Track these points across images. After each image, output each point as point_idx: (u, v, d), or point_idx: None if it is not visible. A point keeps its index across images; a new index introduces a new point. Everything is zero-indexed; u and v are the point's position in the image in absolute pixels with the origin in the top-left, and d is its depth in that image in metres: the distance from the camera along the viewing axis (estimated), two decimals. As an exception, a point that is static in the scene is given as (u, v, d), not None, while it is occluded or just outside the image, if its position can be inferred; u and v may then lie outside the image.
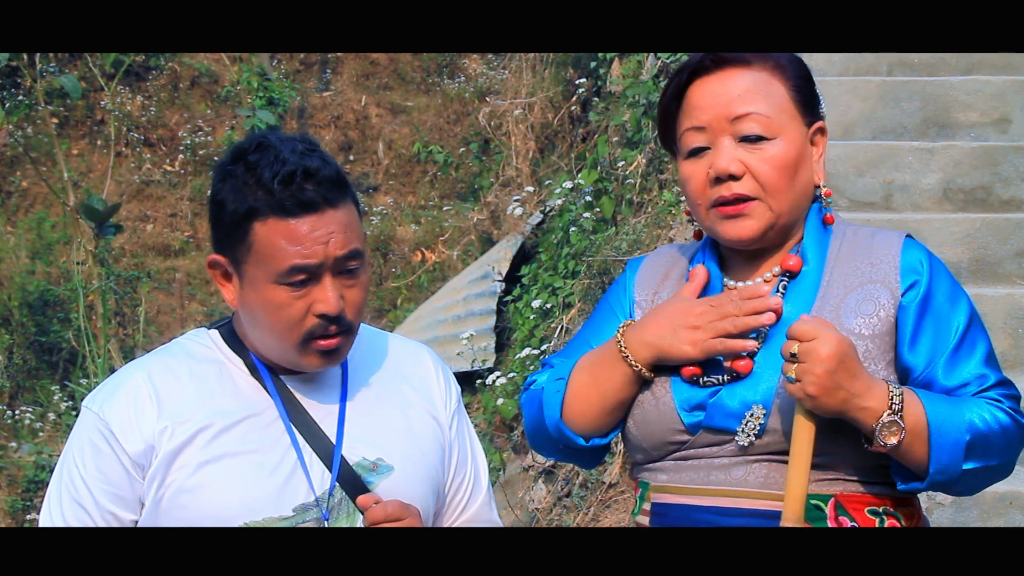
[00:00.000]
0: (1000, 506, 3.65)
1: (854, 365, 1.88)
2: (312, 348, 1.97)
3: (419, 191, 10.83)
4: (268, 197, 1.90)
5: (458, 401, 2.19)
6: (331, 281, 1.93)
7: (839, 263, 2.05)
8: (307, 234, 1.91)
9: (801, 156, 2.04)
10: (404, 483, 2.03)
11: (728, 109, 2.03)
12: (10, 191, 10.58)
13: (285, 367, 2.04)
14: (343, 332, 1.97)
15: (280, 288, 1.93)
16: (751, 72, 2.04)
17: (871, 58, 5.34)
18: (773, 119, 2.02)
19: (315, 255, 1.91)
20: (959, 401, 1.94)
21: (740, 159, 2.02)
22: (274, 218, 1.91)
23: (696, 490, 2.01)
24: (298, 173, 1.90)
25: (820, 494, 1.96)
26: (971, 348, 1.99)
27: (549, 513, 5.13)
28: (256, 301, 1.95)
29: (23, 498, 7.66)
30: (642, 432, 2.07)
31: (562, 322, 6.20)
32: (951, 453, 1.90)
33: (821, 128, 2.09)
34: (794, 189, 2.04)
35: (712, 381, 2.01)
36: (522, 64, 8.70)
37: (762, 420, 1.96)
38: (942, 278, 2.03)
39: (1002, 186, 4.77)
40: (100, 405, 2.01)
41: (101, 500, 1.98)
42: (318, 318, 1.94)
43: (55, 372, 9.13)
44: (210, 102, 11.27)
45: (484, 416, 6.33)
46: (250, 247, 1.93)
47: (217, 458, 1.97)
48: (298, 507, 1.98)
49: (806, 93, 2.07)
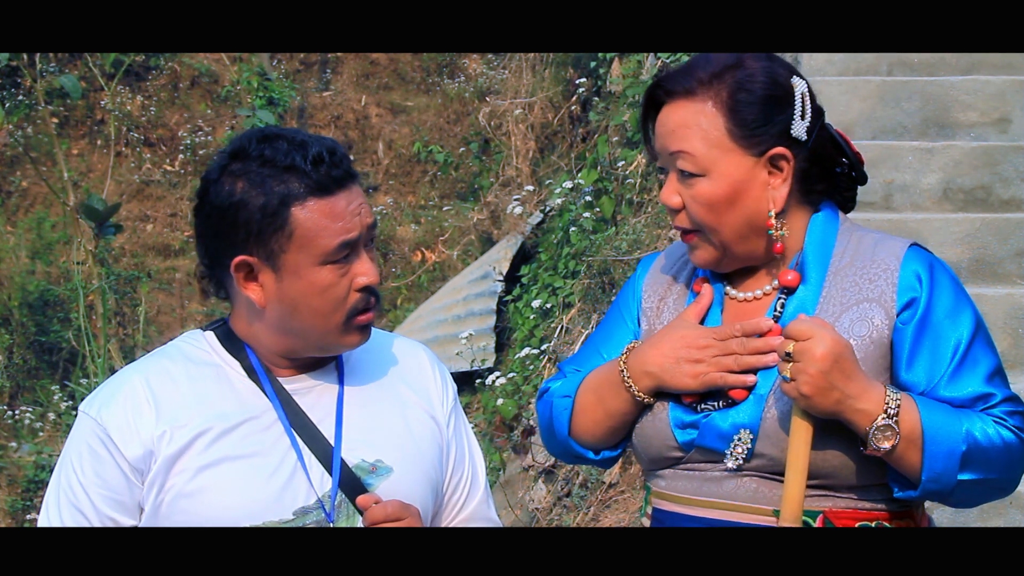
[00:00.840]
0: (1000, 506, 3.65)
1: (850, 366, 1.87)
2: (353, 325, 1.99)
3: (419, 191, 10.82)
4: (304, 179, 1.92)
5: (455, 400, 2.19)
6: (366, 253, 1.98)
7: (839, 277, 2.01)
8: (345, 208, 1.95)
9: (735, 191, 1.98)
10: (403, 484, 2.03)
11: (666, 143, 2.03)
12: (10, 191, 10.57)
13: (290, 363, 2.04)
14: (377, 304, 2.02)
15: (326, 269, 1.94)
16: (691, 104, 2.00)
17: (871, 58, 5.33)
18: (700, 156, 1.98)
19: (355, 227, 1.95)
20: (960, 412, 1.91)
21: (679, 192, 2.03)
22: (313, 199, 1.93)
23: (690, 500, 2.02)
24: (324, 153, 1.94)
25: (809, 509, 1.94)
26: (973, 365, 1.95)
27: (549, 513, 5.13)
28: (299, 289, 1.96)
29: (23, 498, 7.66)
30: (641, 445, 2.09)
31: (562, 322, 6.19)
32: (945, 462, 1.88)
33: (783, 154, 1.99)
34: (728, 224, 2.00)
35: (708, 408, 2.01)
36: (522, 64, 8.70)
37: (749, 445, 1.96)
38: (943, 293, 1.98)
39: (1002, 186, 4.77)
40: (98, 410, 2.00)
41: (100, 506, 1.98)
42: (360, 292, 1.97)
43: (55, 372, 9.13)
44: (210, 102, 11.26)
45: (484, 416, 6.33)
46: (291, 234, 1.93)
47: (216, 462, 1.96)
48: (298, 510, 1.97)
49: (756, 122, 1.98)
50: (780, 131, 1.99)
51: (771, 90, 1.99)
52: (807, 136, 2.01)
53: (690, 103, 2.00)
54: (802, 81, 2.03)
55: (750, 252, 2.04)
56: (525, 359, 6.32)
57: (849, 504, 1.96)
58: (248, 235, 1.95)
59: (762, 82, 1.99)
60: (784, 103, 2.00)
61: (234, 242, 1.96)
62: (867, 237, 2.06)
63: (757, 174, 2.00)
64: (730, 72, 1.99)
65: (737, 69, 1.99)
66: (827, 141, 2.07)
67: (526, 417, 5.75)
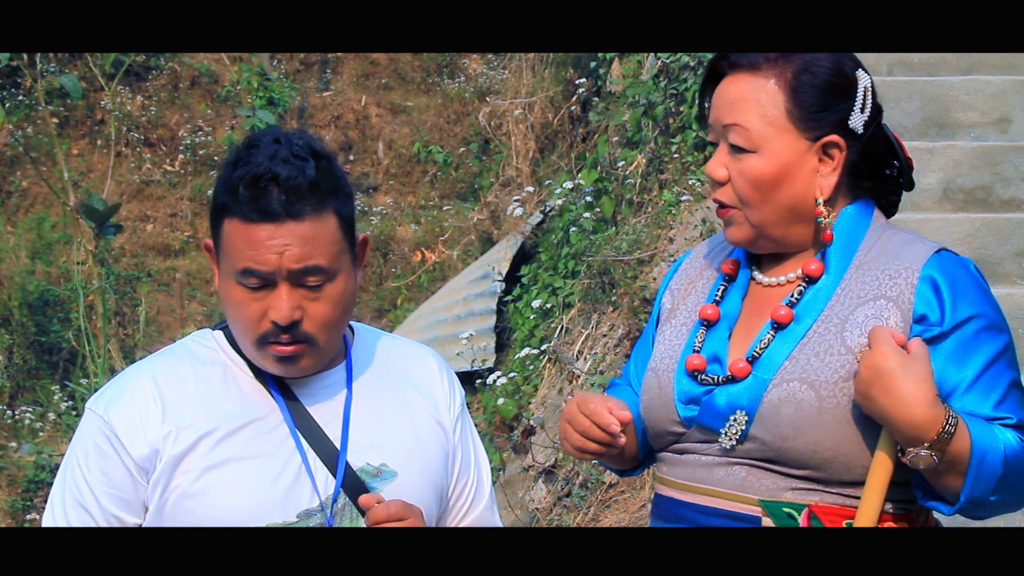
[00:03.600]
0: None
1: (896, 385, 1.83)
2: (268, 351, 1.96)
3: (419, 191, 10.83)
4: (234, 197, 1.91)
5: (462, 405, 2.18)
6: (288, 291, 1.92)
7: (860, 271, 2.00)
8: (262, 241, 1.89)
9: (784, 172, 1.98)
10: (408, 489, 2.03)
11: (721, 115, 2.02)
12: (10, 191, 10.58)
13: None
14: (299, 342, 1.95)
15: (239, 286, 1.93)
16: (753, 79, 2.00)
17: (871, 58, 5.32)
18: (755, 131, 1.98)
19: (267, 263, 1.90)
20: (995, 432, 1.89)
21: (726, 166, 2.02)
22: (237, 219, 1.91)
23: (683, 485, 2.04)
24: (264, 178, 1.89)
25: (794, 503, 1.95)
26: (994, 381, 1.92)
27: (549, 513, 5.13)
28: (224, 292, 1.98)
29: (23, 498, 7.66)
30: (648, 417, 2.11)
31: (562, 322, 6.20)
32: (986, 484, 1.87)
33: (836, 143, 1.99)
34: (771, 204, 2.00)
35: (708, 379, 2.02)
36: (522, 64, 8.71)
37: (744, 427, 1.96)
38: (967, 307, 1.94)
39: (1002, 186, 4.77)
40: (104, 407, 2.00)
41: (105, 503, 1.97)
42: (272, 323, 1.93)
43: (55, 372, 9.14)
44: (210, 102, 11.27)
45: (484, 416, 6.34)
46: (219, 241, 1.96)
47: (222, 463, 1.96)
48: (302, 512, 1.97)
49: (815, 106, 1.99)
50: (837, 120, 1.99)
51: (835, 77, 2.00)
52: (863, 130, 2.01)
53: (753, 77, 2.00)
54: (867, 76, 2.03)
55: (786, 236, 2.04)
56: (525, 359, 6.33)
57: (837, 500, 1.95)
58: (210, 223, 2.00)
59: (827, 68, 2.00)
60: (846, 93, 2.00)
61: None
62: (897, 236, 2.05)
63: (808, 159, 2.00)
64: (798, 54, 2.00)
65: (805, 52, 2.01)
66: (881, 140, 2.06)
67: (526, 417, 5.75)
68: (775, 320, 2.01)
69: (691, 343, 2.08)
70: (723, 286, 2.12)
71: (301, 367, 1.98)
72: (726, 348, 2.05)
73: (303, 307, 1.93)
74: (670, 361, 2.08)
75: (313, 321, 1.94)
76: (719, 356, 2.04)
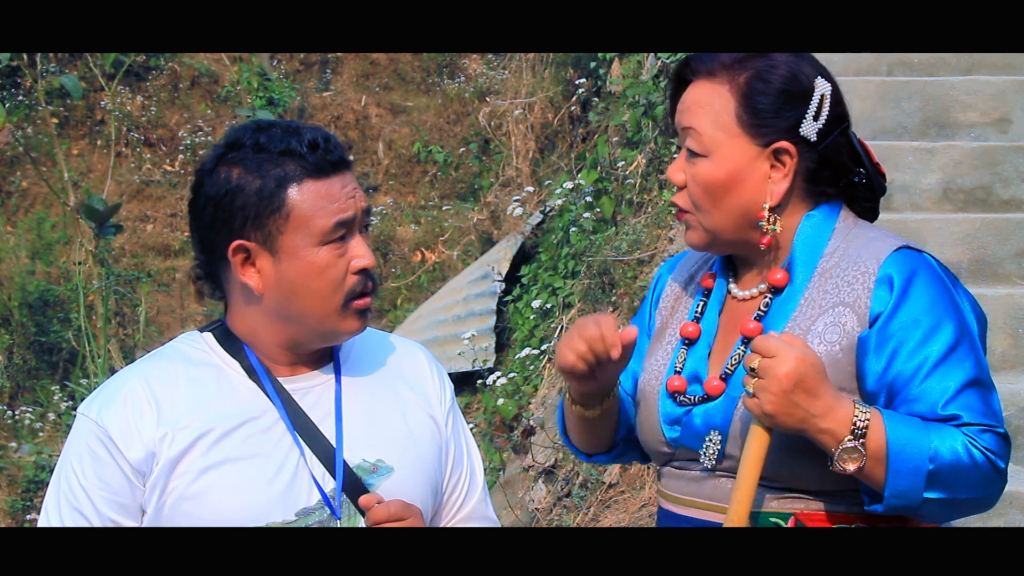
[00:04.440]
0: (1000, 506, 3.65)
1: (815, 385, 1.82)
2: (352, 309, 2.00)
3: (419, 191, 10.82)
4: (301, 162, 1.96)
5: (452, 399, 2.19)
6: (360, 236, 2.01)
7: (823, 278, 1.98)
8: (340, 190, 1.98)
9: (734, 177, 1.98)
10: (404, 484, 2.03)
11: (681, 119, 2.05)
12: (10, 191, 10.58)
13: (289, 359, 2.04)
14: (374, 289, 2.04)
15: (323, 249, 1.97)
16: (710, 84, 2.01)
17: (871, 58, 5.33)
18: (707, 136, 1.99)
19: (349, 208, 1.99)
20: (929, 427, 1.85)
21: (684, 171, 2.04)
22: (309, 180, 1.96)
23: (678, 498, 2.06)
24: (319, 138, 1.98)
25: (780, 512, 1.94)
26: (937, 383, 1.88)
27: (549, 513, 5.13)
28: (298, 270, 1.97)
29: (23, 498, 7.66)
30: (643, 440, 2.14)
31: (562, 322, 6.19)
32: (910, 479, 1.83)
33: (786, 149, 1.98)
34: (723, 209, 2.00)
35: (687, 399, 2.03)
36: (522, 64, 8.70)
37: (719, 446, 1.97)
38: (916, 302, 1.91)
39: (1002, 186, 4.77)
40: (98, 412, 1.99)
41: (102, 508, 1.97)
42: (357, 275, 1.99)
43: (55, 372, 9.13)
44: (210, 102, 11.26)
45: (484, 416, 6.33)
46: (288, 215, 1.96)
47: (219, 464, 1.96)
48: (301, 511, 1.97)
49: (765, 112, 1.98)
50: (789, 126, 1.99)
51: (788, 85, 1.99)
52: (817, 138, 2.00)
53: (710, 83, 2.02)
54: (827, 84, 2.02)
55: (741, 241, 2.03)
56: (525, 359, 6.33)
57: (821, 507, 1.94)
58: (245, 220, 1.97)
59: (782, 75, 1.99)
60: (799, 100, 2.00)
61: (231, 229, 1.97)
62: (861, 236, 2.02)
63: (759, 165, 1.99)
64: (753, 60, 2.01)
65: (761, 59, 2.01)
66: (843, 148, 2.04)
67: (526, 417, 5.75)
68: (745, 335, 2.01)
69: (674, 362, 2.09)
70: (703, 302, 2.12)
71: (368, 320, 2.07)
72: (706, 367, 2.05)
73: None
74: (656, 383, 2.10)
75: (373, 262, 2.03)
76: (699, 375, 2.04)
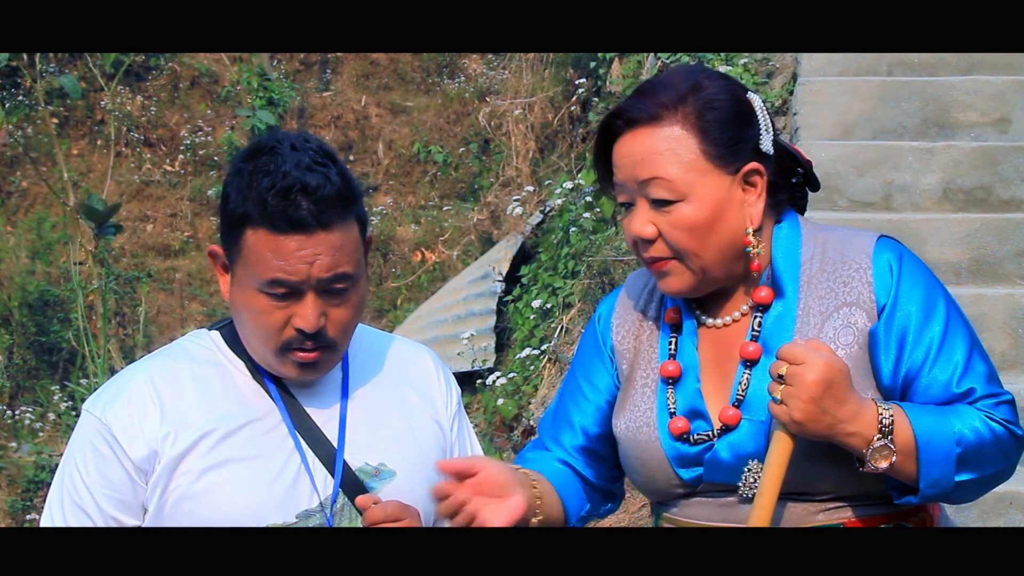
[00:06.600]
0: (1000, 506, 3.65)
1: (842, 391, 1.84)
2: (289, 358, 1.95)
3: (419, 191, 10.82)
4: (261, 207, 1.88)
5: (459, 403, 2.18)
6: (313, 299, 1.91)
7: (812, 285, 1.99)
8: (293, 251, 1.88)
9: (718, 211, 1.96)
10: (406, 488, 2.03)
11: (635, 172, 1.98)
12: (10, 191, 10.58)
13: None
14: (322, 348, 1.95)
15: (262, 295, 1.92)
16: (657, 130, 1.96)
17: (871, 58, 5.33)
18: (677, 180, 1.95)
19: (297, 273, 1.89)
20: (948, 412, 1.90)
21: (653, 222, 1.98)
22: (264, 229, 1.89)
23: (705, 527, 2.01)
24: (294, 189, 1.87)
25: (829, 524, 1.95)
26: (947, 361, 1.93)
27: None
28: (241, 301, 1.95)
29: (23, 498, 7.66)
30: (647, 487, 2.08)
31: (562, 322, 6.20)
32: (942, 467, 1.87)
33: (756, 169, 1.98)
34: (711, 246, 1.97)
35: (701, 437, 2.00)
36: (522, 64, 8.70)
37: (759, 473, 1.94)
38: (913, 286, 1.96)
39: (1002, 186, 4.77)
40: (102, 409, 1.99)
41: (103, 505, 1.97)
42: (296, 331, 1.92)
43: (55, 372, 9.13)
44: (210, 102, 11.26)
45: (484, 416, 6.33)
46: (240, 250, 1.93)
47: (221, 464, 1.96)
48: (301, 513, 1.97)
49: (728, 140, 1.96)
50: (751, 147, 1.98)
51: (736, 107, 1.98)
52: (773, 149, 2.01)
53: (657, 129, 1.96)
54: (756, 96, 2.02)
55: (729, 274, 2.01)
56: (525, 359, 6.33)
57: (867, 512, 1.95)
58: (223, 230, 1.97)
59: (726, 100, 1.97)
60: (749, 119, 1.99)
61: (220, 229, 1.98)
62: (832, 237, 2.03)
63: (734, 193, 1.97)
64: (692, 94, 1.96)
65: (699, 91, 1.97)
66: (783, 152, 2.05)
67: (526, 417, 5.75)
68: (745, 359, 1.99)
69: (664, 405, 2.04)
70: (673, 338, 2.07)
71: (320, 372, 1.98)
72: (702, 400, 2.02)
73: (327, 313, 1.93)
74: (648, 429, 2.04)
75: (335, 326, 1.94)
76: (699, 410, 2.01)
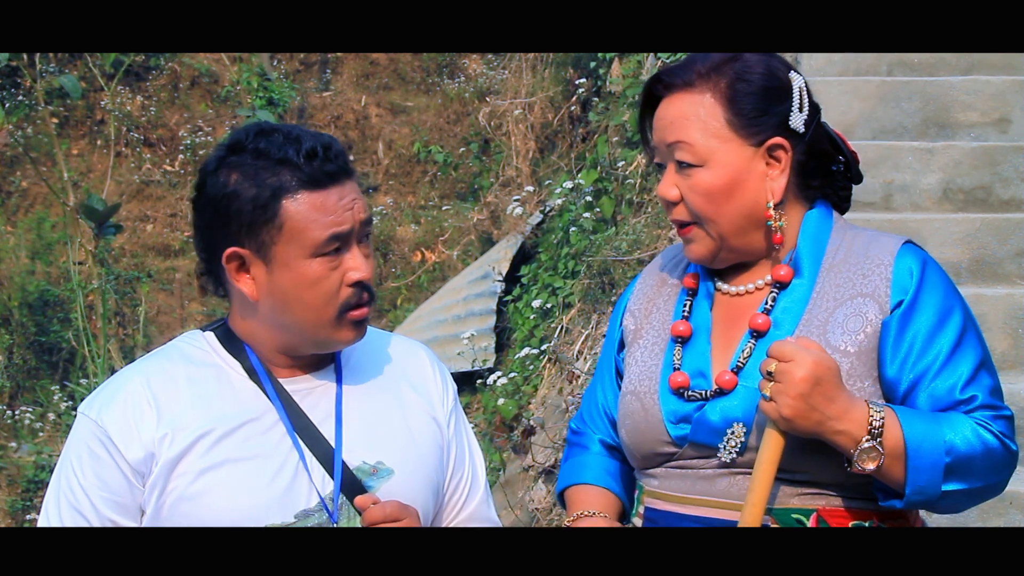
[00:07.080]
0: (1000, 506, 3.65)
1: (831, 388, 1.86)
2: (347, 320, 1.99)
3: (419, 191, 10.83)
4: (296, 173, 1.94)
5: (455, 400, 2.19)
6: (357, 248, 1.98)
7: (832, 272, 2.03)
8: (337, 203, 1.95)
9: (734, 180, 2.01)
10: (404, 486, 2.03)
11: (664, 135, 2.05)
12: (10, 191, 10.58)
13: (289, 362, 2.04)
14: (370, 299, 2.01)
15: (316, 261, 1.95)
16: (690, 96, 2.03)
17: (871, 58, 5.33)
18: (700, 146, 2.01)
19: (346, 221, 1.96)
20: (942, 420, 1.90)
21: (677, 185, 2.05)
22: (304, 192, 1.94)
23: (682, 498, 2.03)
24: (319, 148, 1.95)
25: (802, 508, 1.95)
26: (955, 368, 1.94)
27: (549, 513, 5.12)
28: (290, 281, 1.96)
29: (23, 498, 7.66)
30: (634, 442, 2.10)
31: (562, 322, 6.19)
32: (930, 475, 1.87)
33: (780, 144, 2.02)
34: (728, 214, 2.02)
35: (696, 395, 2.02)
36: (522, 64, 8.70)
37: (743, 438, 1.96)
38: (932, 292, 1.98)
39: (1002, 186, 4.77)
40: (98, 412, 1.99)
41: (101, 508, 1.97)
42: (351, 287, 1.97)
43: (55, 372, 9.13)
44: (210, 102, 11.27)
45: (484, 416, 6.33)
46: (281, 226, 1.94)
47: (218, 464, 1.96)
48: (300, 513, 1.97)
49: (754, 112, 2.01)
50: (778, 122, 2.02)
51: (769, 81, 2.03)
52: (804, 129, 2.04)
53: (689, 95, 2.03)
54: (799, 76, 2.06)
55: (747, 245, 2.05)
56: (525, 359, 6.32)
57: (842, 503, 1.96)
58: (240, 227, 1.96)
59: (760, 73, 2.03)
60: (782, 95, 2.03)
61: (227, 233, 1.97)
62: (861, 235, 2.07)
63: (756, 165, 2.02)
64: (728, 64, 2.03)
65: (735, 62, 2.03)
66: (824, 138, 2.10)
67: (526, 417, 5.75)
68: (753, 329, 2.02)
69: (669, 361, 2.08)
70: (688, 300, 2.12)
71: (365, 330, 2.04)
72: (709, 361, 2.05)
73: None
74: (650, 382, 2.08)
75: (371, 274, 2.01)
76: (702, 371, 2.04)
